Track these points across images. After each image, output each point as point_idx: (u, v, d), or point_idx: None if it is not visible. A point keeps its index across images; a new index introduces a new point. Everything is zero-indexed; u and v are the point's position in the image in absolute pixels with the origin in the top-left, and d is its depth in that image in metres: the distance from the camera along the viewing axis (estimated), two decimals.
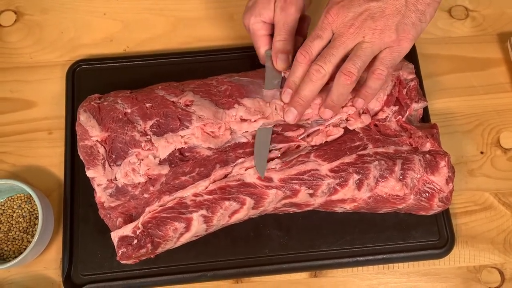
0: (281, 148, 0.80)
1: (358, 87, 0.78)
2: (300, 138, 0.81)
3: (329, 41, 0.77)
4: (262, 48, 0.87)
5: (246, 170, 0.78)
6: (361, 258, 0.84)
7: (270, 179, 0.77)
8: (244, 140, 0.80)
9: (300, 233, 0.85)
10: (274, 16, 0.84)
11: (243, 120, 0.81)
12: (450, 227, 0.85)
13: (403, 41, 0.75)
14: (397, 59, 0.76)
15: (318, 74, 0.76)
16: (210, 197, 0.76)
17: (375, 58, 0.76)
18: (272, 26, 0.86)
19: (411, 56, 0.93)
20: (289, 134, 0.81)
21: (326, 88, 0.78)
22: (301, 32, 0.89)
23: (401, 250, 0.84)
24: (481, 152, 0.92)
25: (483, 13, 1.01)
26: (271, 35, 0.86)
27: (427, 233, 0.84)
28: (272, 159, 0.79)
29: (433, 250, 0.84)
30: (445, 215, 0.85)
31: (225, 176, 0.78)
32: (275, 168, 0.78)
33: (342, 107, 0.82)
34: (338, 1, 0.76)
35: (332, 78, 0.76)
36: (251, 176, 0.77)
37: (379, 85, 0.77)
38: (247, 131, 0.81)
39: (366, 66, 0.76)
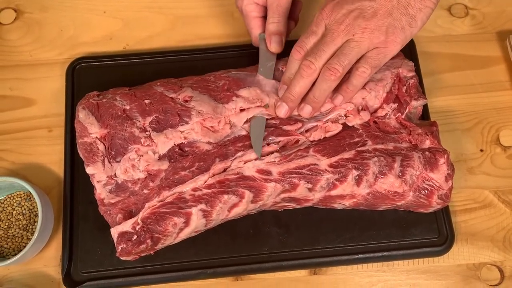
0: (279, 141, 0.80)
1: (340, 85, 0.79)
2: (298, 132, 0.81)
3: (322, 36, 0.78)
4: (255, 30, 0.87)
5: (245, 163, 0.78)
6: (361, 256, 0.83)
7: (269, 172, 0.77)
8: (243, 133, 0.80)
9: (300, 230, 0.85)
10: None
11: (242, 110, 0.81)
12: (450, 224, 0.85)
13: (390, 44, 0.76)
14: (382, 61, 0.77)
15: (309, 70, 0.76)
16: (209, 191, 0.76)
17: (361, 56, 0.76)
18: (265, 8, 0.86)
19: (411, 54, 0.94)
20: (287, 128, 0.81)
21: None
22: (293, 16, 0.89)
23: (401, 248, 0.84)
24: (481, 150, 0.92)
25: (483, 11, 1.01)
26: (264, 17, 0.87)
27: (426, 231, 0.84)
28: (271, 152, 0.79)
29: (432, 248, 0.84)
30: (445, 212, 0.85)
31: (224, 170, 0.78)
32: (274, 161, 0.78)
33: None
34: None
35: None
36: (250, 169, 0.77)
37: (360, 83, 0.78)
38: (247, 122, 0.81)
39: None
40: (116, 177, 0.79)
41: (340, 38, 0.75)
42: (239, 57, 0.94)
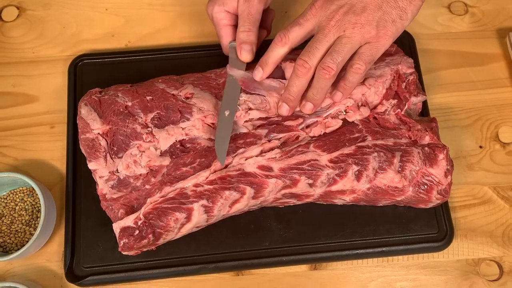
0: (280, 138, 0.80)
1: (338, 81, 0.79)
2: (299, 128, 0.81)
3: (308, 32, 0.78)
4: (225, 38, 0.87)
5: (246, 160, 0.78)
6: (361, 251, 0.84)
7: (270, 169, 0.78)
8: (245, 130, 0.81)
9: (300, 225, 0.85)
10: (238, 6, 0.83)
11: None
12: (449, 220, 0.85)
13: (382, 38, 0.76)
14: (375, 55, 0.77)
15: (303, 69, 0.77)
16: (211, 187, 0.77)
17: (354, 52, 0.77)
18: (236, 17, 0.86)
19: (411, 51, 0.94)
20: (289, 123, 0.81)
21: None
22: (264, 25, 0.89)
23: (401, 243, 0.84)
24: (480, 147, 0.92)
25: (482, 8, 1.01)
26: (235, 26, 0.86)
27: (426, 226, 0.85)
28: (272, 148, 0.79)
29: (432, 243, 0.84)
30: (444, 208, 0.86)
31: (226, 166, 0.78)
32: (275, 157, 0.78)
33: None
34: None
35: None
36: (251, 166, 0.78)
37: (357, 80, 0.78)
38: (247, 121, 0.82)
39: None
40: (118, 172, 0.80)
41: (332, 34, 0.76)
42: None
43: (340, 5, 0.76)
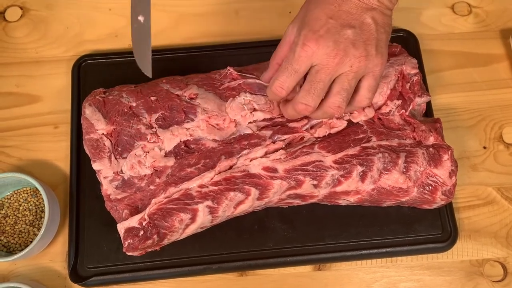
0: (285, 139, 0.80)
1: None
2: (303, 129, 0.81)
3: (304, 73, 0.74)
4: None
5: (251, 161, 0.78)
6: (365, 252, 0.84)
7: (274, 170, 0.78)
8: (249, 131, 0.81)
9: (305, 226, 0.85)
10: None
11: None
12: (453, 221, 0.85)
13: (381, 65, 0.75)
14: (379, 81, 0.76)
15: (305, 111, 0.75)
16: (216, 188, 0.77)
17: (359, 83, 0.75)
18: None
19: (414, 52, 0.94)
20: (293, 124, 0.81)
21: None
22: None
23: (405, 244, 0.84)
24: (484, 147, 0.92)
25: (486, 9, 1.01)
26: None
27: (430, 227, 0.85)
28: (277, 149, 0.79)
29: (436, 244, 0.84)
30: (448, 209, 0.86)
31: (230, 167, 0.78)
32: (280, 158, 0.78)
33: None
34: (314, 30, 0.72)
35: None
36: (256, 167, 0.78)
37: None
38: (252, 122, 0.82)
39: None
40: (122, 173, 0.80)
41: (335, 71, 0.73)
42: (244, 55, 0.94)
43: (338, 41, 0.71)
